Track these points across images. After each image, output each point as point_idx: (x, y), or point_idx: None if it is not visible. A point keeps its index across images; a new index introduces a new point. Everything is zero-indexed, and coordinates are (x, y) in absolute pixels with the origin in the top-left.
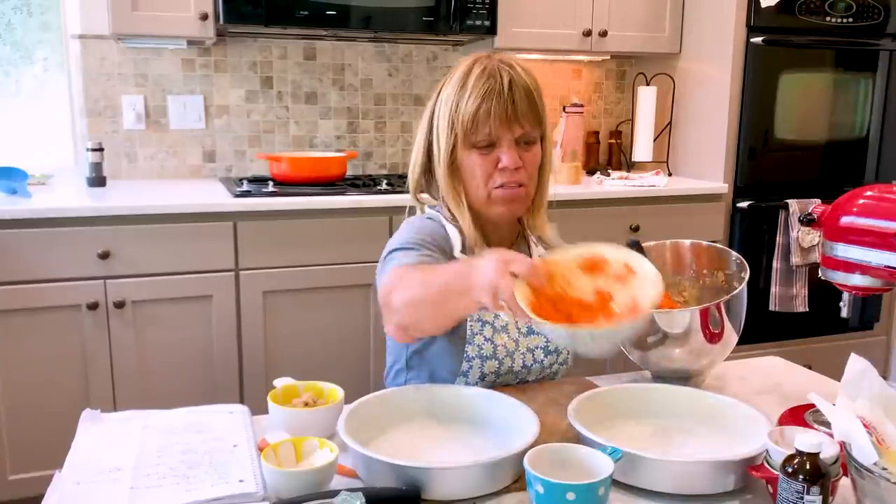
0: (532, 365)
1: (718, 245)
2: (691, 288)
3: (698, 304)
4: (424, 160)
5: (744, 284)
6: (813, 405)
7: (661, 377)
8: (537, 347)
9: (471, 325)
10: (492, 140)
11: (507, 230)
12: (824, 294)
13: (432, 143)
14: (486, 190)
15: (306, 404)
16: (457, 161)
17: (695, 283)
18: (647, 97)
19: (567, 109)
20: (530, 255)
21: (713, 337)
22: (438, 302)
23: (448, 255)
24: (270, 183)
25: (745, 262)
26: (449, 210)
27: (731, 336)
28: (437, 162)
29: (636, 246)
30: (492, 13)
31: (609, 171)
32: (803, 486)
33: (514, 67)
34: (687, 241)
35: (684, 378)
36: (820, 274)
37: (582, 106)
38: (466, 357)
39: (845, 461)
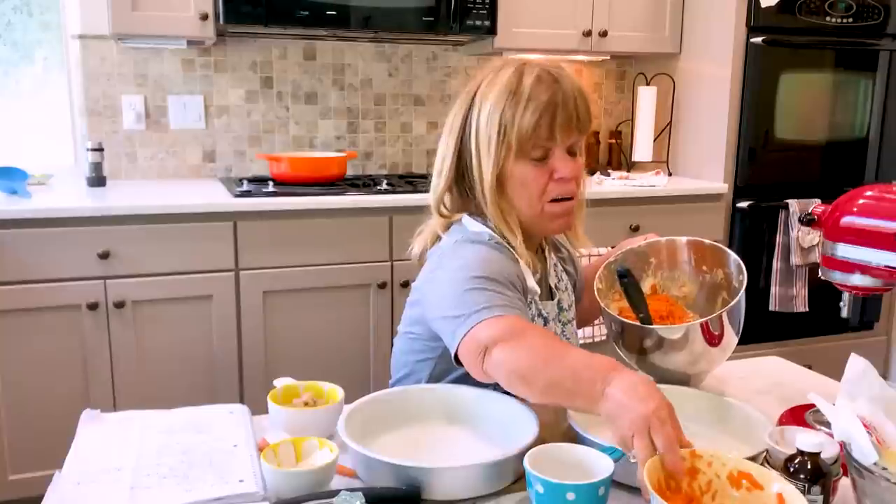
0: None
1: (717, 244)
2: (690, 283)
3: (697, 300)
4: (453, 177)
5: (742, 291)
6: (813, 405)
7: (661, 381)
8: None
9: None
10: (547, 151)
11: (538, 242)
12: (824, 294)
13: (468, 160)
14: (539, 204)
15: (306, 404)
16: (504, 176)
17: (694, 278)
18: (647, 97)
19: None
20: (546, 267)
21: (713, 339)
22: (552, 388)
23: (522, 293)
24: (270, 183)
25: (742, 264)
26: (493, 228)
27: (730, 339)
28: (476, 179)
29: (627, 275)
30: (492, 13)
31: (609, 171)
32: (805, 486)
33: (565, 70)
34: (683, 238)
35: (683, 381)
36: (820, 274)
37: None
38: None
39: (845, 461)
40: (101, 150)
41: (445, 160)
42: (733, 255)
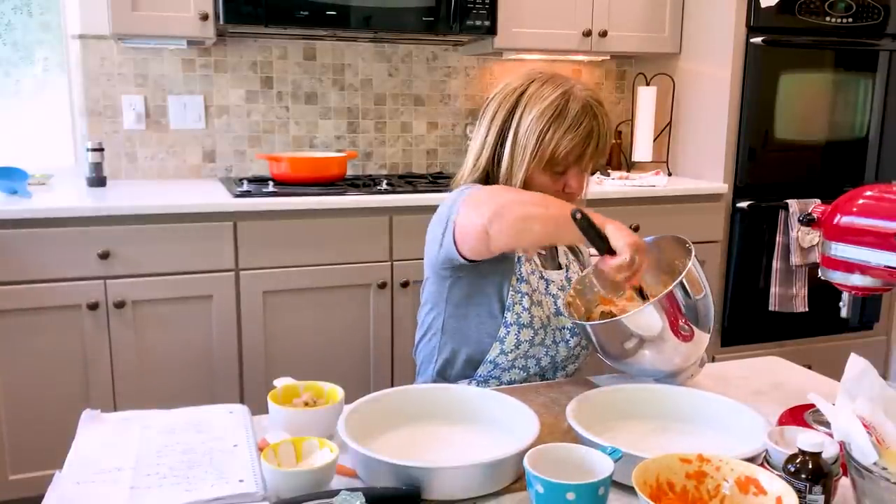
0: (560, 343)
1: (668, 235)
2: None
3: None
4: (487, 170)
5: (691, 264)
6: (813, 405)
7: (652, 380)
8: (564, 328)
9: (511, 295)
10: (567, 168)
11: None
12: (824, 294)
13: (501, 157)
14: None
15: (306, 404)
16: (525, 179)
17: (674, 277)
18: (646, 97)
19: None
20: (556, 252)
21: (685, 338)
22: (551, 223)
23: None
24: (270, 183)
25: (690, 242)
26: None
27: (701, 334)
28: (503, 176)
29: (580, 213)
30: (492, 13)
31: (609, 171)
32: (806, 486)
33: (603, 104)
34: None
35: (671, 376)
36: (820, 274)
37: None
38: (505, 323)
39: (845, 461)
40: (101, 150)
41: (485, 151)
42: (682, 238)
